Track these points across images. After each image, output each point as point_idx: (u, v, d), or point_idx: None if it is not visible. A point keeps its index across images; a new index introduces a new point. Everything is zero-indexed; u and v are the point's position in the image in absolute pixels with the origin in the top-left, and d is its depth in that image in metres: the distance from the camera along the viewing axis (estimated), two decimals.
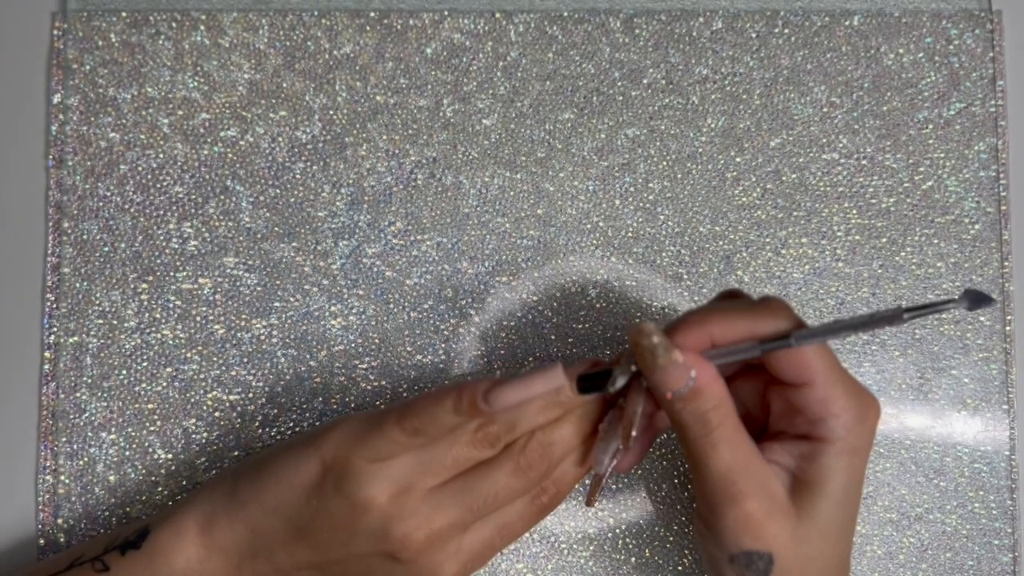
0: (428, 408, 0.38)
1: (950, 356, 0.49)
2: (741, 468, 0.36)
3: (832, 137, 0.50)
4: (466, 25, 0.50)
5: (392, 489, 0.37)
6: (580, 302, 0.49)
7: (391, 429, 0.38)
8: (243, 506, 0.39)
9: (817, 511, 0.37)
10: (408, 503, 0.37)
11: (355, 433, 0.38)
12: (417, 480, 0.37)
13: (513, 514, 0.39)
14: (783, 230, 0.49)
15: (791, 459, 0.37)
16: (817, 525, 0.37)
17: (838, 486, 0.37)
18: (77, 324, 0.48)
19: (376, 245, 0.49)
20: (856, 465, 0.37)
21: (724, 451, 0.36)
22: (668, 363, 0.36)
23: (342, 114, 0.49)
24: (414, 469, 0.37)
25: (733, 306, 0.38)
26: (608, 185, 0.49)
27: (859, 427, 0.37)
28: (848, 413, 0.36)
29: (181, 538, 0.39)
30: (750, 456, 0.37)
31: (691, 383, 0.36)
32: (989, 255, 0.49)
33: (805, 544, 0.37)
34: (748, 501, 0.36)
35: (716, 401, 0.36)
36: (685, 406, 0.36)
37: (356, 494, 0.37)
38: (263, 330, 0.48)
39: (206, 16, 0.50)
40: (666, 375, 0.36)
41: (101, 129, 0.49)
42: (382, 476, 0.37)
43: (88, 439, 0.47)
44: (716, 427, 0.36)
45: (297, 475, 0.38)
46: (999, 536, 0.48)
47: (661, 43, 0.50)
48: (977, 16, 0.50)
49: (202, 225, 0.49)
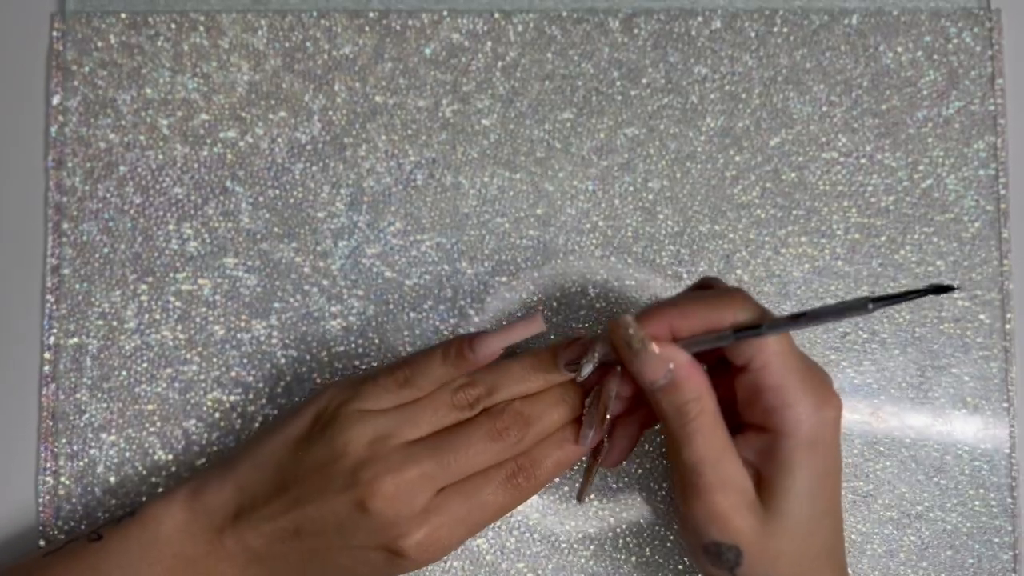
0: (419, 359, 0.40)
1: (950, 354, 0.49)
2: (712, 461, 0.37)
3: (831, 136, 0.50)
4: (465, 25, 0.50)
5: (370, 436, 0.38)
6: (580, 302, 0.49)
7: (383, 378, 0.40)
8: (235, 467, 0.41)
9: (782, 506, 0.37)
10: (382, 450, 0.38)
11: (346, 386, 0.40)
12: (395, 431, 0.39)
13: (487, 491, 0.39)
14: (782, 229, 0.49)
15: (753, 454, 0.38)
16: (784, 520, 0.37)
17: (801, 481, 0.37)
18: (77, 325, 0.48)
19: (376, 245, 0.49)
20: (817, 460, 0.37)
21: (698, 443, 0.37)
22: (643, 354, 0.37)
23: (341, 115, 0.49)
24: (395, 421, 0.39)
25: (694, 297, 0.39)
26: (607, 185, 0.49)
27: (814, 419, 0.37)
28: (801, 404, 0.37)
29: (171, 503, 0.41)
30: (723, 450, 0.37)
31: (669, 375, 0.37)
32: (988, 253, 0.49)
33: (774, 538, 0.37)
34: (715, 494, 0.37)
35: (695, 394, 0.37)
36: (664, 397, 0.37)
37: (336, 437, 0.38)
38: (263, 331, 0.48)
39: (205, 17, 0.50)
40: (643, 366, 0.37)
41: (100, 130, 0.49)
42: (363, 423, 0.39)
43: (88, 440, 0.47)
44: (693, 419, 0.37)
45: (290, 428, 0.40)
46: (999, 534, 0.48)
47: (660, 42, 0.50)
48: (976, 15, 0.50)
49: (202, 226, 0.49)
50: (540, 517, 0.47)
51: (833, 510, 0.39)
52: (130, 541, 0.40)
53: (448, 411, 0.40)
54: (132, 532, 0.40)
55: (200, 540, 0.40)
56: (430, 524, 0.38)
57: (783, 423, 0.37)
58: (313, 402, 0.41)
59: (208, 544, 0.40)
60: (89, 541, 0.41)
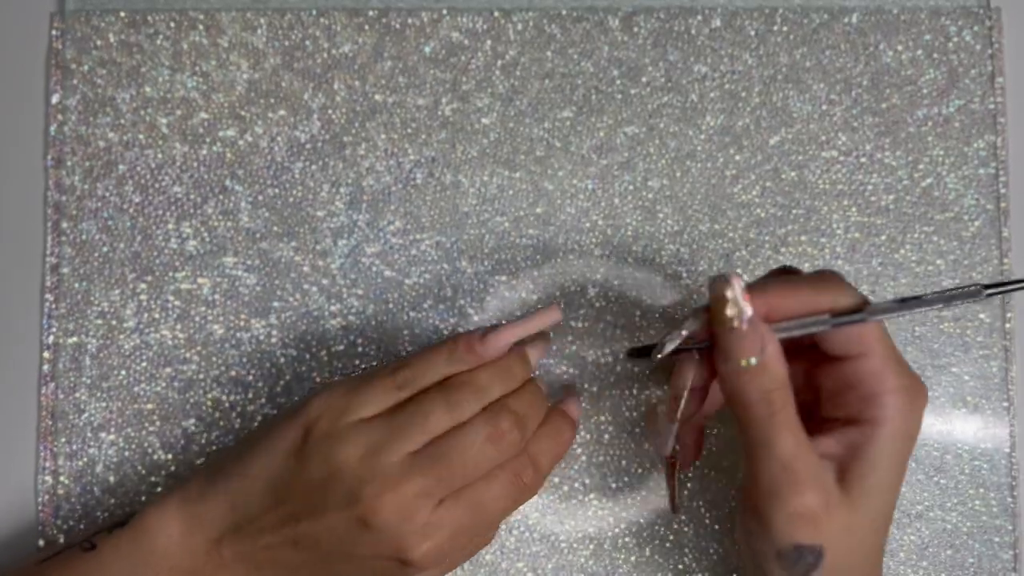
0: (420, 359, 0.39)
1: (950, 353, 0.49)
2: (803, 456, 0.35)
3: (831, 135, 0.50)
4: (465, 24, 0.50)
5: (365, 450, 0.37)
6: (579, 301, 0.49)
7: (380, 380, 0.39)
8: (226, 478, 0.39)
9: (867, 501, 0.36)
10: (379, 465, 0.37)
11: (340, 393, 0.39)
12: (392, 443, 0.37)
13: (489, 496, 0.38)
14: (782, 228, 0.49)
15: (840, 448, 0.36)
16: (867, 515, 0.36)
17: (888, 474, 0.36)
18: (76, 324, 0.48)
19: (375, 244, 0.49)
20: (905, 452, 0.36)
21: (787, 437, 0.35)
22: (744, 323, 0.34)
23: (341, 113, 0.49)
24: (389, 433, 0.37)
25: (792, 280, 0.36)
26: (607, 184, 0.49)
27: (910, 409, 0.36)
28: (901, 392, 0.35)
29: (164, 515, 0.40)
30: (808, 446, 0.35)
31: (763, 354, 0.34)
32: (989, 252, 0.49)
33: (854, 535, 0.36)
34: (808, 492, 0.35)
35: (780, 381, 0.35)
36: (751, 380, 0.35)
37: (331, 455, 0.37)
38: (262, 330, 0.48)
39: (204, 16, 0.50)
40: (744, 339, 0.34)
41: (100, 129, 0.49)
42: (357, 437, 0.37)
43: (87, 440, 0.47)
44: (780, 409, 0.35)
45: (280, 440, 0.39)
46: (1000, 533, 0.48)
47: (660, 41, 0.50)
48: (976, 13, 0.50)
49: (201, 225, 0.49)
50: (540, 517, 0.47)
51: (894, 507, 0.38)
52: (123, 553, 0.40)
53: (442, 414, 0.38)
54: (125, 544, 0.40)
55: (198, 552, 0.39)
56: (434, 537, 0.37)
57: (883, 411, 0.35)
58: (304, 410, 0.39)
59: (206, 555, 0.39)
60: (83, 551, 0.40)
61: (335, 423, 0.38)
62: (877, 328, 0.35)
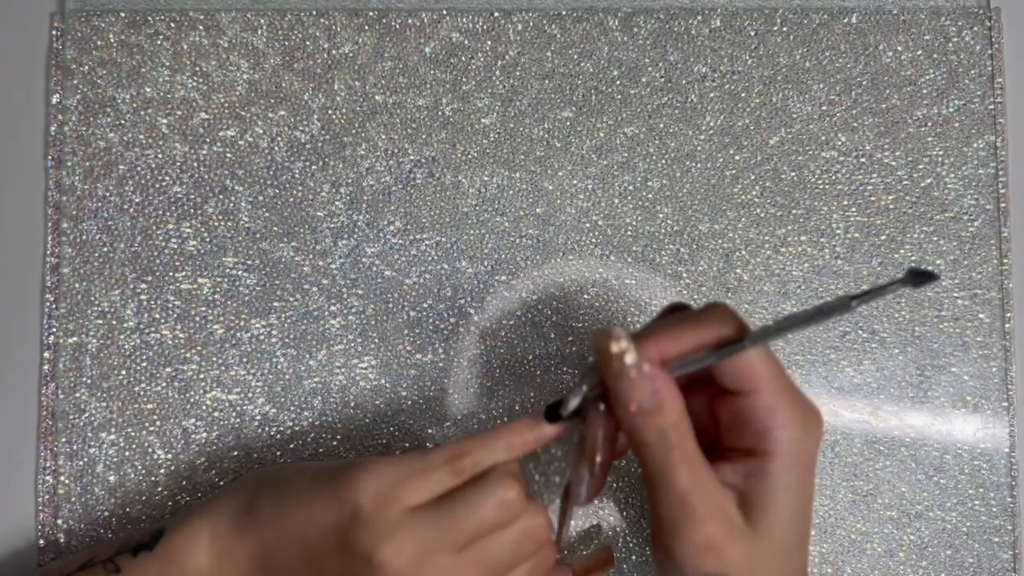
0: (482, 445, 0.38)
1: (950, 353, 0.49)
2: (701, 489, 0.36)
3: (831, 135, 0.50)
4: (465, 24, 0.50)
5: (412, 549, 0.36)
6: (579, 301, 0.49)
7: (438, 468, 0.38)
8: (260, 525, 0.39)
9: (771, 529, 0.36)
10: (426, 568, 0.36)
11: (392, 475, 0.37)
12: (440, 543, 0.37)
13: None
14: (782, 228, 0.49)
15: (739, 478, 0.37)
16: (772, 543, 0.36)
17: (789, 502, 0.36)
18: (76, 324, 0.48)
19: (375, 244, 0.49)
20: (805, 480, 0.37)
21: (684, 472, 0.36)
22: (634, 370, 0.35)
23: (341, 113, 0.49)
24: (439, 531, 0.37)
25: (677, 318, 0.37)
26: (607, 184, 0.49)
27: (804, 439, 0.36)
28: (793, 424, 0.36)
29: (194, 543, 0.39)
30: (708, 477, 0.36)
31: (655, 397, 0.35)
32: (988, 252, 0.49)
33: (762, 563, 0.36)
34: (708, 524, 0.36)
35: (676, 418, 0.36)
36: (648, 422, 0.36)
37: (376, 549, 0.36)
38: (262, 330, 0.48)
39: (204, 16, 0.50)
40: (633, 385, 0.35)
41: (100, 129, 0.49)
42: (405, 535, 0.36)
43: (88, 439, 0.47)
44: (676, 446, 0.36)
45: (320, 513, 0.38)
46: (999, 533, 0.48)
47: (659, 41, 0.50)
48: (976, 14, 0.50)
49: (201, 225, 0.49)
50: None
51: (808, 531, 0.38)
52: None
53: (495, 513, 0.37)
54: (153, 571, 0.39)
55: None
56: None
57: (776, 444, 0.36)
58: (351, 487, 0.37)
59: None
60: (106, 572, 0.39)
61: (383, 511, 0.37)
62: (766, 366, 0.36)
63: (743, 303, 0.49)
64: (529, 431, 0.38)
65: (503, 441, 0.38)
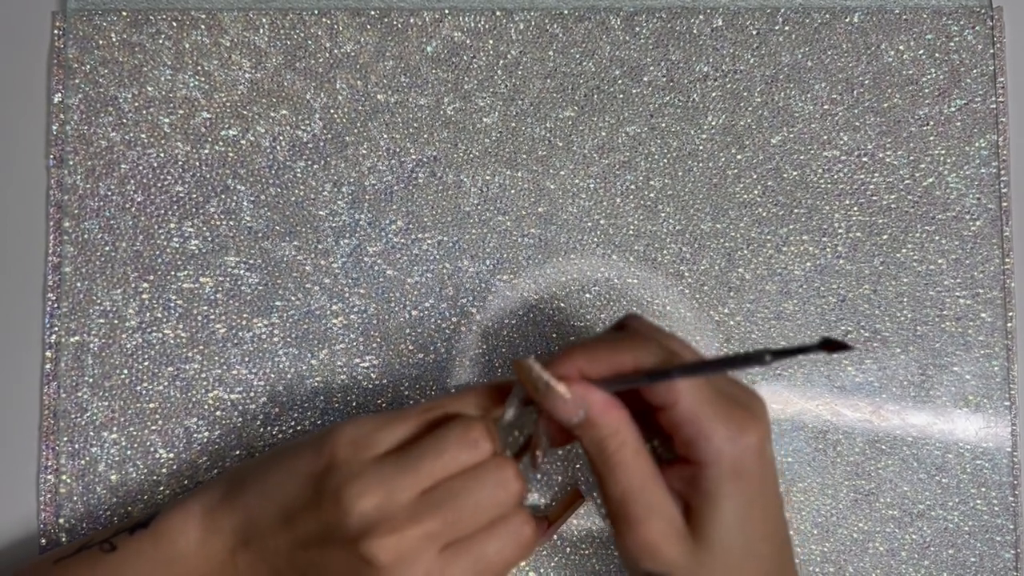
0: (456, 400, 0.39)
1: (952, 353, 0.49)
2: (636, 493, 0.37)
3: (833, 134, 0.50)
4: (467, 23, 0.50)
5: (376, 489, 0.37)
6: (581, 300, 0.49)
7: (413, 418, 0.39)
8: (246, 491, 0.40)
9: (711, 535, 0.37)
10: (388, 506, 0.37)
11: (368, 426, 0.39)
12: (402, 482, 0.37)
13: (493, 548, 0.38)
14: (784, 227, 0.49)
15: (680, 484, 0.37)
16: (714, 549, 0.37)
17: (727, 511, 0.37)
18: (78, 323, 0.48)
19: (377, 244, 0.49)
20: (744, 488, 0.37)
21: (620, 477, 0.37)
22: (550, 394, 0.37)
23: (343, 113, 0.49)
24: (402, 469, 0.37)
25: (600, 340, 0.39)
26: (609, 183, 0.49)
27: (732, 448, 0.36)
28: (716, 435, 0.36)
29: (187, 519, 0.40)
30: (646, 480, 0.37)
31: (583, 414, 0.37)
32: (990, 251, 0.49)
33: (705, 568, 0.37)
34: (642, 524, 0.37)
35: (611, 430, 0.37)
36: (583, 433, 0.37)
37: (343, 490, 0.37)
38: (264, 329, 0.48)
39: (206, 15, 0.50)
40: (553, 406, 0.37)
41: (102, 128, 0.49)
42: (371, 476, 0.37)
43: (90, 438, 0.47)
44: (613, 453, 0.37)
45: (302, 464, 0.39)
46: (1001, 532, 0.48)
47: (661, 41, 0.50)
48: (978, 13, 0.50)
49: (203, 224, 0.49)
50: None
51: (771, 535, 0.38)
52: (144, 556, 0.40)
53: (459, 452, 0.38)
54: (146, 546, 0.40)
55: (214, 560, 0.39)
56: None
57: (703, 454, 0.37)
58: (329, 438, 0.39)
59: (221, 563, 0.39)
60: (102, 552, 0.40)
61: (355, 456, 0.38)
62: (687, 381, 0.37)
63: (745, 302, 0.49)
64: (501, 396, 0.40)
65: (475, 396, 0.40)
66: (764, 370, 0.48)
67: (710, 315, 0.49)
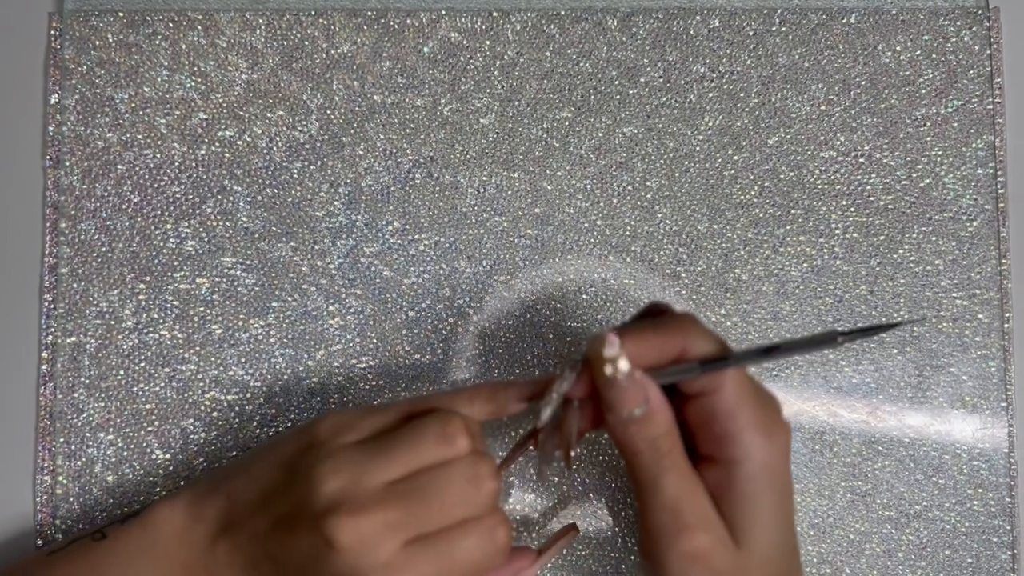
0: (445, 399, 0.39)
1: (948, 354, 0.49)
2: (690, 498, 0.36)
3: (830, 135, 0.50)
4: (463, 24, 0.50)
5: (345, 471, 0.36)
6: (578, 301, 0.49)
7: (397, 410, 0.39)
8: (231, 479, 0.40)
9: (751, 538, 0.36)
10: (354, 488, 0.36)
11: (352, 415, 0.39)
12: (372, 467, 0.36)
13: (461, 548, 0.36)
14: (781, 228, 0.49)
15: (711, 487, 0.37)
16: (754, 551, 0.36)
17: (767, 511, 0.36)
18: (75, 324, 0.48)
19: (374, 244, 0.49)
20: (777, 487, 0.36)
21: (674, 480, 0.36)
22: (625, 380, 0.35)
23: (339, 113, 0.49)
24: (373, 455, 0.37)
25: (645, 326, 0.37)
26: (606, 184, 0.49)
27: (768, 446, 0.36)
28: (754, 431, 0.36)
29: (174, 508, 0.40)
30: (697, 486, 0.36)
31: (646, 405, 0.35)
32: (987, 252, 0.49)
33: (746, 572, 0.36)
34: (696, 533, 0.35)
35: (667, 426, 0.36)
36: (639, 430, 0.36)
37: (313, 471, 0.37)
38: (261, 330, 0.48)
39: (203, 16, 0.50)
40: (623, 394, 0.35)
41: (98, 129, 0.49)
42: (341, 457, 0.37)
43: (86, 439, 0.47)
44: (666, 454, 0.36)
45: (284, 448, 0.39)
46: (998, 533, 0.48)
47: (658, 41, 0.50)
48: (974, 13, 0.50)
49: (199, 225, 0.49)
50: (539, 517, 0.47)
51: (791, 534, 0.38)
52: (131, 542, 0.40)
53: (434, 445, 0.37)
54: (134, 533, 0.40)
55: (196, 547, 0.40)
56: None
57: (737, 451, 0.36)
58: (313, 424, 0.39)
59: (204, 550, 0.39)
60: (93, 540, 0.41)
61: (334, 438, 0.38)
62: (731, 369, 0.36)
63: (742, 303, 0.49)
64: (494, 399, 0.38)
65: (465, 397, 0.38)
66: (761, 370, 0.48)
67: (707, 316, 0.49)
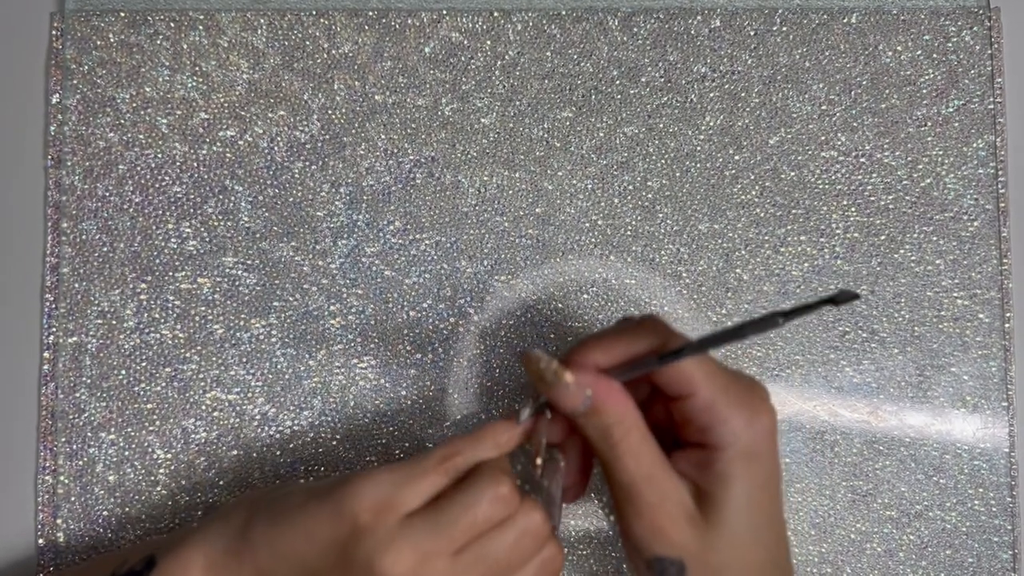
0: (471, 444, 0.39)
1: (949, 353, 0.49)
2: (645, 478, 0.37)
3: (831, 135, 0.50)
4: (464, 24, 0.50)
5: (411, 557, 0.36)
6: (579, 300, 0.49)
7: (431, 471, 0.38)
8: (255, 549, 0.38)
9: (722, 519, 0.37)
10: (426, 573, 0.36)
11: (386, 483, 0.37)
12: (438, 546, 0.37)
13: None
14: (782, 228, 0.49)
15: (691, 468, 0.38)
16: (724, 533, 0.37)
17: (739, 493, 0.37)
18: (76, 324, 0.48)
19: (375, 244, 0.49)
20: (756, 471, 0.38)
21: (628, 463, 0.38)
22: (557, 385, 0.37)
23: (340, 113, 0.49)
24: (436, 534, 0.37)
25: (612, 330, 0.39)
26: (607, 183, 0.49)
27: (748, 432, 0.37)
28: (734, 419, 0.37)
29: (187, 571, 0.38)
30: (654, 466, 0.38)
31: (588, 401, 0.37)
32: (988, 252, 0.49)
33: (716, 551, 0.37)
34: (654, 509, 0.37)
35: (617, 417, 0.38)
36: (588, 422, 0.38)
37: (375, 560, 0.36)
38: (262, 329, 0.48)
39: (204, 16, 0.50)
40: (559, 395, 0.38)
41: (100, 129, 0.49)
42: (403, 542, 0.36)
43: (87, 439, 0.47)
44: (619, 441, 0.38)
45: (319, 527, 0.37)
46: (999, 533, 0.48)
47: (659, 41, 0.50)
48: (975, 13, 0.50)
49: (201, 225, 0.49)
50: None
51: (775, 520, 0.39)
52: None
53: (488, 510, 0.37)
54: None
55: None
56: None
57: (718, 439, 0.37)
58: (346, 499, 0.37)
59: None
60: None
61: (380, 520, 0.37)
62: (701, 370, 0.38)
63: (743, 303, 0.49)
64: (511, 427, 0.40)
65: (490, 438, 0.39)
66: (762, 370, 0.48)
67: (708, 316, 0.49)
